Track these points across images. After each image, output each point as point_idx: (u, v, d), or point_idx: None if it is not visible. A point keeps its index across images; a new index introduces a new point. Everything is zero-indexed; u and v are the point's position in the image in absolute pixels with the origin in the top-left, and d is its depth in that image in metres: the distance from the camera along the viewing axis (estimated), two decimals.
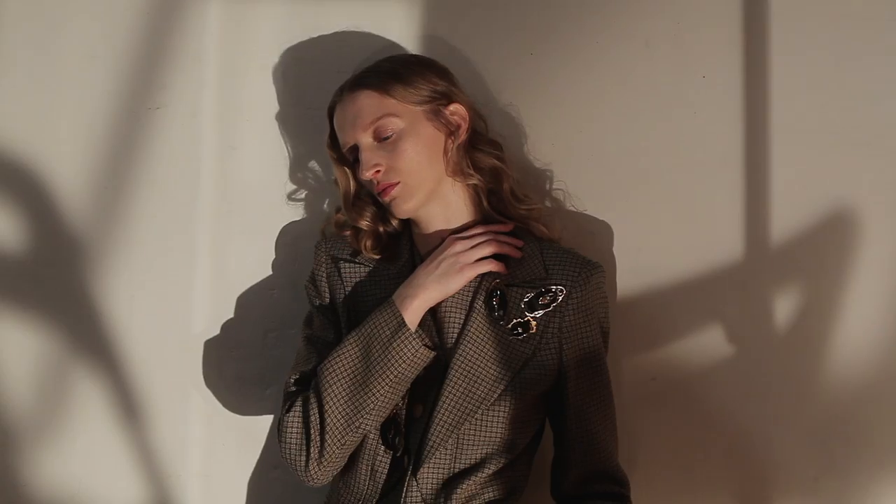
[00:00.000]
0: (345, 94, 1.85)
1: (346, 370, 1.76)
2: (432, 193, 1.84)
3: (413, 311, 1.77)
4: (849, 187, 1.92)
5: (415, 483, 1.78)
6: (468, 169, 1.85)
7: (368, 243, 1.90)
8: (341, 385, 1.76)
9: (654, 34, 1.99)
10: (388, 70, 1.84)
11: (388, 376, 1.74)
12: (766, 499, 1.95)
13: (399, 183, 1.80)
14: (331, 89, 2.06)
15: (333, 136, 1.89)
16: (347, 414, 1.75)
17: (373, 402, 1.75)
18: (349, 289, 1.87)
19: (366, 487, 1.82)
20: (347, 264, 1.89)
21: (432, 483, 1.79)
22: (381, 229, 1.91)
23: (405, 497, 1.78)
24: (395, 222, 1.92)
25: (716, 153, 1.97)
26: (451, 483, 1.79)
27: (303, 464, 1.77)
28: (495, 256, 1.83)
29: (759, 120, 1.95)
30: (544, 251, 1.85)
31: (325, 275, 1.90)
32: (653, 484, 1.95)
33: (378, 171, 1.80)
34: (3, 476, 2.10)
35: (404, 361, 1.75)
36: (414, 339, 1.74)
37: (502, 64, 1.93)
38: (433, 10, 2.05)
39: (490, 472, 1.79)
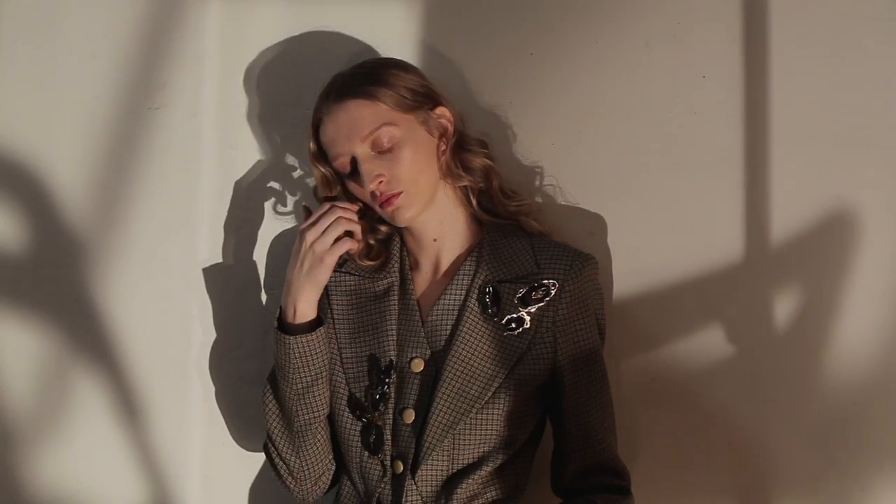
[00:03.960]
0: (331, 105, 1.82)
1: (271, 385, 1.87)
2: (430, 199, 1.84)
3: (301, 314, 1.80)
4: (849, 187, 1.92)
5: (413, 485, 1.79)
6: (459, 170, 1.85)
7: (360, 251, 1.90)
8: (272, 399, 1.87)
9: (654, 34, 1.99)
10: (372, 77, 1.82)
11: (286, 376, 1.81)
12: (766, 499, 1.95)
13: (402, 192, 1.79)
14: None
15: (319, 150, 1.86)
16: (282, 423, 1.86)
17: (290, 402, 1.83)
18: (334, 305, 1.88)
19: (361, 493, 1.84)
20: (333, 274, 1.87)
21: (431, 484, 1.79)
22: (370, 241, 1.90)
23: (405, 499, 1.78)
24: (383, 227, 1.91)
25: (716, 153, 1.97)
26: (450, 483, 1.79)
27: (287, 484, 1.91)
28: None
29: (759, 120, 1.95)
30: (535, 246, 1.85)
31: None
32: (653, 484, 1.95)
33: (381, 182, 1.79)
34: (3, 476, 2.10)
35: (286, 356, 1.80)
36: (279, 335, 1.80)
37: (502, 64, 1.92)
38: (432, 10, 2.05)
39: (490, 469, 1.79)
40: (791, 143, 1.94)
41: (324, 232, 1.79)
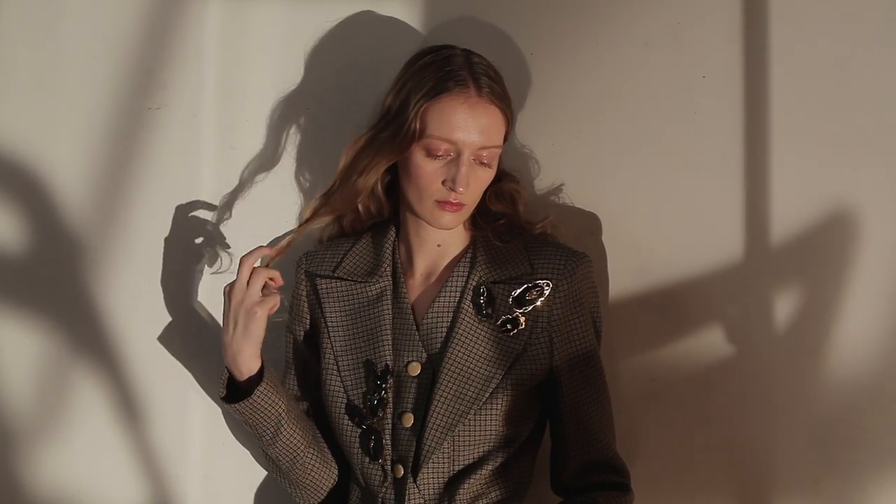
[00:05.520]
0: (474, 93, 1.77)
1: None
2: None
3: (247, 371, 1.79)
4: (849, 187, 1.92)
5: (415, 488, 1.79)
6: (493, 199, 1.87)
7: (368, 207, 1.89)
8: (259, 447, 1.88)
9: (654, 34, 1.99)
10: (507, 97, 1.82)
11: (253, 431, 1.83)
12: (766, 499, 1.95)
13: (465, 206, 1.80)
14: (331, 90, 2.07)
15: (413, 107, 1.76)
16: (275, 467, 1.88)
17: (266, 450, 1.84)
18: (327, 312, 1.87)
19: (366, 497, 1.84)
20: (325, 281, 1.88)
21: (433, 486, 1.79)
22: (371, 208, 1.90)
23: (407, 502, 1.78)
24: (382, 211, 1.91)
25: (716, 153, 1.97)
26: (452, 484, 1.79)
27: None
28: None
29: (759, 120, 1.95)
30: (529, 247, 1.85)
31: (304, 294, 1.91)
32: (653, 484, 1.95)
33: (462, 191, 1.78)
34: (3, 476, 2.10)
35: (242, 419, 1.81)
36: (226, 404, 1.80)
37: (502, 64, 1.92)
38: (433, 10, 2.05)
39: (491, 469, 1.80)
40: (791, 144, 1.94)
41: (248, 285, 1.78)
